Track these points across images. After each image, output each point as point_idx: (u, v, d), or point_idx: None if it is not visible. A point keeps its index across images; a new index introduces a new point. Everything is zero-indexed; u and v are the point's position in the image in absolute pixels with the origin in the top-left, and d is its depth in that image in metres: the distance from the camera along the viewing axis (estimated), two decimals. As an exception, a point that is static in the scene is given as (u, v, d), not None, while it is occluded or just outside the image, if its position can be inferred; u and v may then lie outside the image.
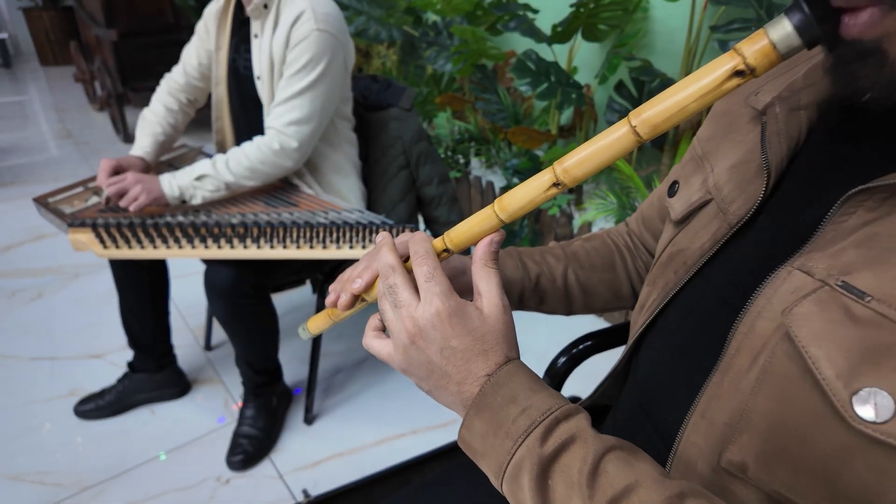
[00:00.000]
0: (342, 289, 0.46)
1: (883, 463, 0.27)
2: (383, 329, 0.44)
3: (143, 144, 1.27)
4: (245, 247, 1.09)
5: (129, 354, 1.43)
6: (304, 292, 1.83)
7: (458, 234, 0.41)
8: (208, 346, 1.65)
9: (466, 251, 0.45)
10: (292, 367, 1.51)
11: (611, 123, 1.52)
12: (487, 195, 2.12)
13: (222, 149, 1.39)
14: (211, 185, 1.14)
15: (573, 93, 1.65)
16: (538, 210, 1.89)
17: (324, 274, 1.37)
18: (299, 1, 1.11)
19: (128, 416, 1.40)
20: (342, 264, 1.31)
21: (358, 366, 1.60)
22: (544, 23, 1.88)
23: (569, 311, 0.60)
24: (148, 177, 1.12)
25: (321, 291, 1.39)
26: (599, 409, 0.59)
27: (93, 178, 1.30)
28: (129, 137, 3.51)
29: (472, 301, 0.39)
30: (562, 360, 0.67)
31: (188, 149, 1.50)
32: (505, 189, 2.00)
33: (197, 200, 1.15)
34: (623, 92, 1.71)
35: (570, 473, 0.33)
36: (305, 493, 1.09)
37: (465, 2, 1.97)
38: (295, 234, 1.11)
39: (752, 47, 0.29)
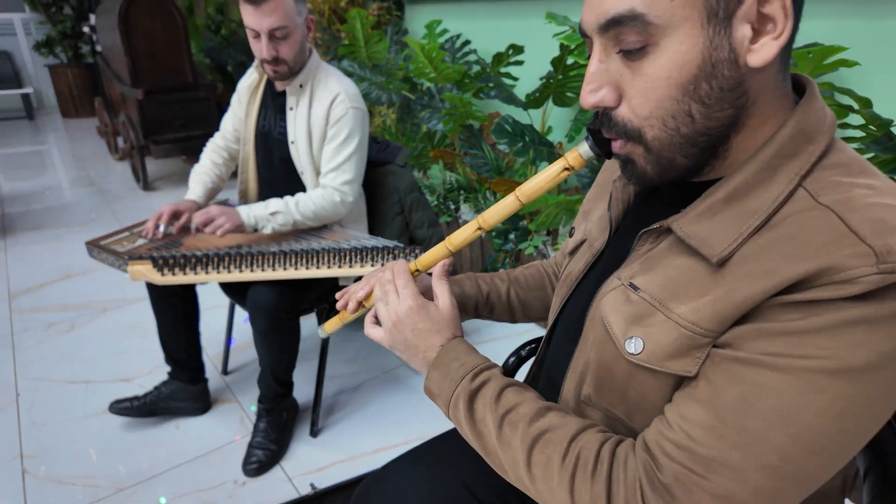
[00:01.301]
0: (349, 298, 0.70)
1: (643, 377, 0.50)
2: (377, 322, 0.67)
3: (196, 191, 1.56)
4: (284, 269, 1.34)
5: (155, 379, 1.64)
6: (310, 326, 2.05)
7: (423, 259, 0.65)
8: (225, 371, 1.86)
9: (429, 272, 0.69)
10: (302, 388, 1.71)
11: (580, 177, 1.79)
12: (475, 238, 2.37)
13: (245, 197, 1.66)
14: (281, 220, 1.42)
15: (545, 150, 1.92)
16: (518, 250, 2.13)
17: (329, 304, 1.61)
18: (332, 84, 1.42)
19: (155, 430, 1.60)
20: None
21: (357, 388, 1.81)
22: (522, 91, 2.18)
23: (513, 319, 0.84)
24: (229, 208, 1.39)
25: (323, 318, 1.62)
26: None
27: (136, 225, 1.56)
28: (148, 185, 3.80)
29: (432, 301, 0.63)
30: (511, 359, 0.89)
31: (216, 200, 1.76)
32: (489, 231, 2.25)
33: (267, 230, 1.43)
34: (589, 149, 1.98)
35: (485, 399, 0.55)
36: (312, 486, 1.28)
37: (455, 72, 2.28)
38: (326, 258, 1.36)
39: (572, 155, 0.54)
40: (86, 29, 4.86)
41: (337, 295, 0.73)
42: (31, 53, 6.74)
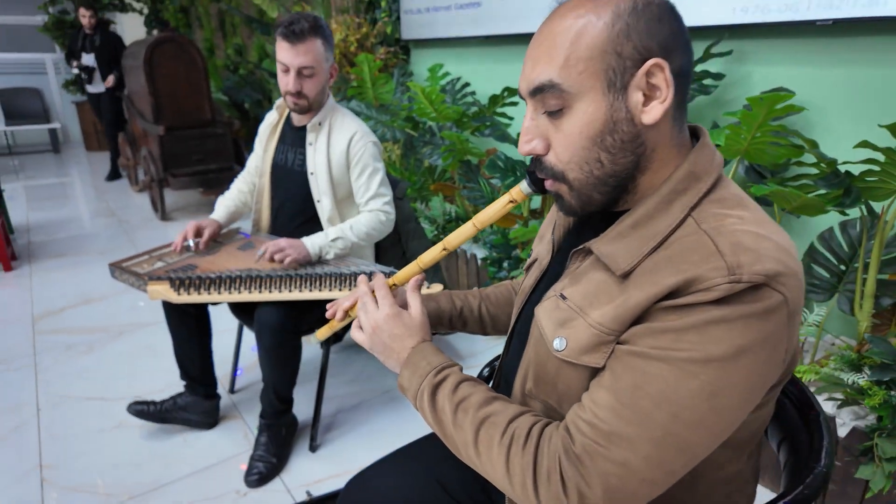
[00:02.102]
0: (337, 308, 0.82)
1: (567, 370, 0.61)
2: (360, 328, 0.79)
3: (219, 213, 1.74)
4: (289, 291, 1.46)
5: (166, 396, 1.75)
6: (313, 349, 2.16)
7: (399, 276, 0.77)
8: (232, 390, 1.97)
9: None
10: (303, 406, 1.81)
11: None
12: (471, 264, 2.49)
13: (258, 225, 1.80)
14: (341, 244, 1.58)
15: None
16: (511, 277, 2.24)
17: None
18: (348, 123, 1.61)
19: (165, 443, 1.70)
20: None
21: (356, 407, 1.90)
22: (516, 129, 2.33)
23: (484, 332, 0.95)
24: (297, 241, 1.54)
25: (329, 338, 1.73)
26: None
27: (155, 249, 1.69)
28: (165, 216, 3.99)
29: (406, 310, 0.74)
30: (486, 369, 1.00)
31: (229, 229, 1.90)
32: (485, 260, 2.37)
33: (331, 255, 1.58)
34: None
35: (445, 391, 0.66)
36: (308, 493, 1.38)
37: (453, 112, 2.45)
38: (327, 282, 1.48)
39: (515, 191, 0.66)
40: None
41: (328, 306, 0.85)
42: (59, 91, 7.11)
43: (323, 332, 0.86)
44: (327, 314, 0.83)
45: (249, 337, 2.13)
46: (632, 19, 0.55)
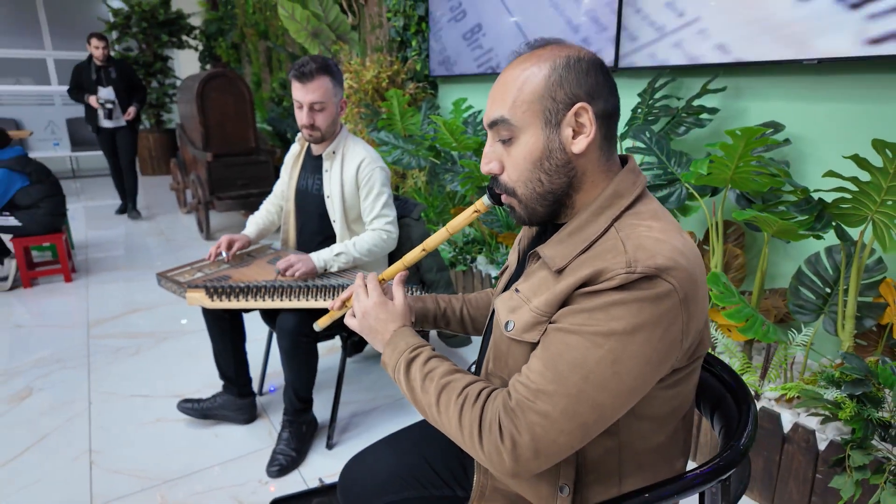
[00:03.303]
0: (336, 300, 0.98)
1: (514, 347, 0.75)
2: (353, 315, 0.94)
3: (250, 229, 1.95)
4: (307, 300, 1.64)
5: (203, 397, 1.94)
6: (332, 359, 2.33)
7: (387, 272, 0.93)
8: (260, 393, 2.15)
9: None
10: (322, 411, 1.97)
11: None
12: (486, 283, 2.63)
13: (286, 243, 2.00)
14: (344, 259, 1.76)
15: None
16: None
17: (347, 332, 1.89)
18: (358, 151, 1.81)
19: (198, 436, 1.89)
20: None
21: (370, 412, 2.05)
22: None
23: (465, 331, 1.09)
24: (305, 255, 1.73)
25: (344, 346, 1.90)
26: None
27: (195, 262, 1.91)
28: (210, 236, 4.29)
29: (390, 300, 0.90)
30: (472, 365, 1.14)
31: (262, 244, 2.11)
32: (496, 278, 2.51)
33: (334, 268, 1.76)
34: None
35: (417, 364, 0.81)
36: (320, 480, 1.52)
37: (472, 142, 2.63)
38: (340, 292, 1.65)
39: (479, 203, 0.82)
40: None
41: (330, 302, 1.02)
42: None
43: (323, 321, 1.02)
44: (328, 306, 1.00)
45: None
46: (564, 72, 0.71)
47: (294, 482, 1.69)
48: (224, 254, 1.81)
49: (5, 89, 7.40)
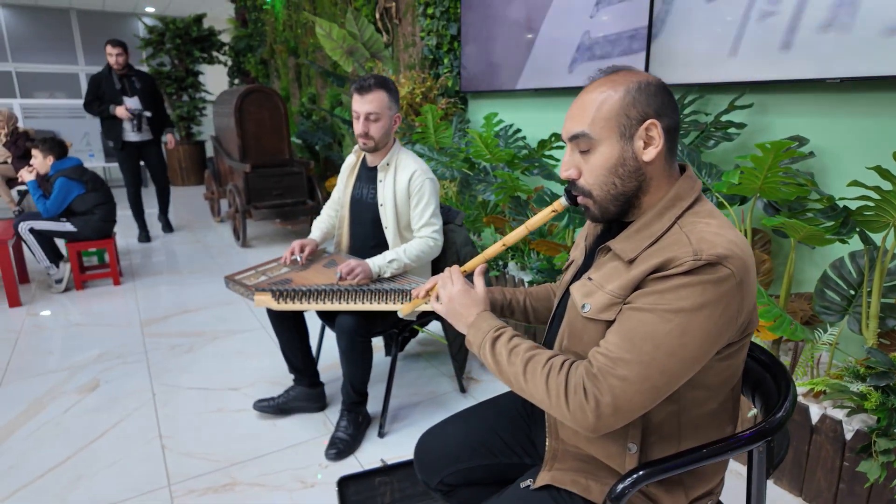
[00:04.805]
0: (420, 290, 1.13)
1: (590, 326, 0.88)
2: (438, 301, 1.08)
3: (316, 234, 2.13)
4: (363, 303, 1.78)
5: (257, 390, 2.10)
6: (378, 358, 2.47)
7: (469, 265, 1.08)
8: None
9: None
10: (372, 403, 2.11)
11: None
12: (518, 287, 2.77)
13: (339, 247, 2.16)
14: (396, 265, 1.90)
15: (578, 218, 2.34)
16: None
17: (398, 329, 2.03)
18: (410, 163, 1.95)
19: (257, 425, 2.03)
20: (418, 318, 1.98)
21: (415, 405, 2.19)
22: (561, 169, 2.63)
23: (527, 321, 1.23)
24: (364, 262, 1.87)
25: (394, 342, 2.04)
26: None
27: (261, 265, 2.06)
28: (246, 243, 4.47)
29: (471, 288, 1.04)
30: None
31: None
32: (531, 283, 2.65)
33: (387, 274, 1.91)
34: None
35: (502, 341, 0.94)
36: (382, 460, 1.65)
37: (505, 154, 2.78)
38: (393, 296, 1.80)
39: (556, 203, 0.96)
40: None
41: (412, 289, 1.16)
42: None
43: (407, 308, 1.16)
44: (412, 292, 1.14)
45: (328, 339, 2.47)
46: (637, 94, 0.85)
47: (351, 466, 1.82)
48: (298, 257, 1.97)
49: (42, 103, 7.72)
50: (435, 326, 2.79)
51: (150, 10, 9.59)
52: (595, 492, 0.93)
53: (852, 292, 1.71)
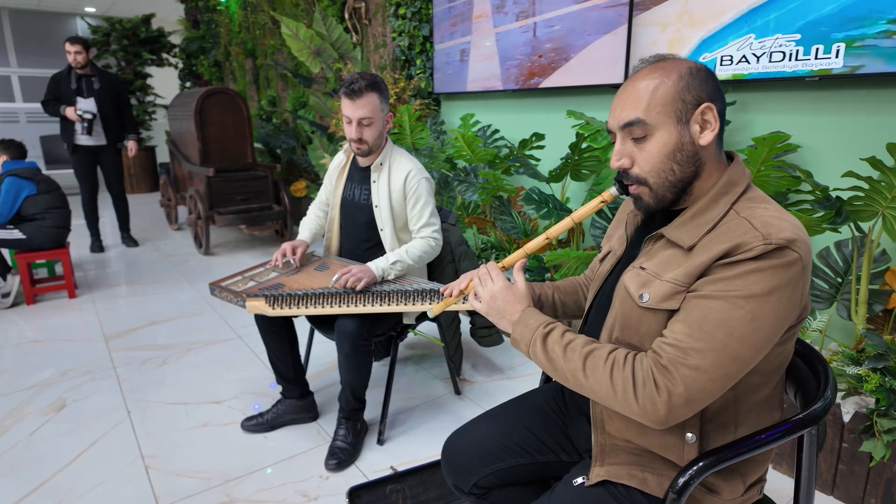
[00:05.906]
0: (452, 288, 1.08)
1: (648, 316, 0.87)
2: (476, 299, 1.05)
3: (304, 234, 2.04)
4: (363, 306, 1.71)
5: (242, 402, 1.99)
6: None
7: (507, 260, 1.04)
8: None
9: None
10: (370, 410, 2.04)
11: (594, 237, 2.20)
12: (506, 291, 2.76)
13: (328, 249, 2.08)
14: (400, 267, 1.84)
15: (566, 215, 2.35)
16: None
17: (396, 332, 1.97)
18: (405, 162, 1.89)
19: (248, 439, 1.92)
20: (412, 322, 1.93)
21: (412, 409, 2.13)
22: (542, 169, 2.65)
23: (556, 315, 1.20)
24: (365, 266, 1.79)
25: (394, 345, 1.98)
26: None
27: (248, 269, 1.96)
28: (209, 250, 4.28)
29: (512, 284, 1.01)
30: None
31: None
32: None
33: (391, 276, 1.84)
34: (601, 214, 2.41)
35: (554, 338, 0.92)
36: (393, 468, 1.59)
37: (487, 154, 2.77)
38: (394, 297, 1.74)
39: (606, 193, 0.95)
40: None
41: (441, 289, 1.11)
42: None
43: (438, 308, 1.11)
44: (442, 290, 1.10)
45: (316, 345, 2.38)
46: (690, 79, 0.85)
47: (353, 476, 1.75)
48: (292, 259, 1.88)
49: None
50: (428, 328, 2.74)
51: (90, 10, 9.08)
52: (652, 484, 0.91)
53: (839, 280, 1.78)
